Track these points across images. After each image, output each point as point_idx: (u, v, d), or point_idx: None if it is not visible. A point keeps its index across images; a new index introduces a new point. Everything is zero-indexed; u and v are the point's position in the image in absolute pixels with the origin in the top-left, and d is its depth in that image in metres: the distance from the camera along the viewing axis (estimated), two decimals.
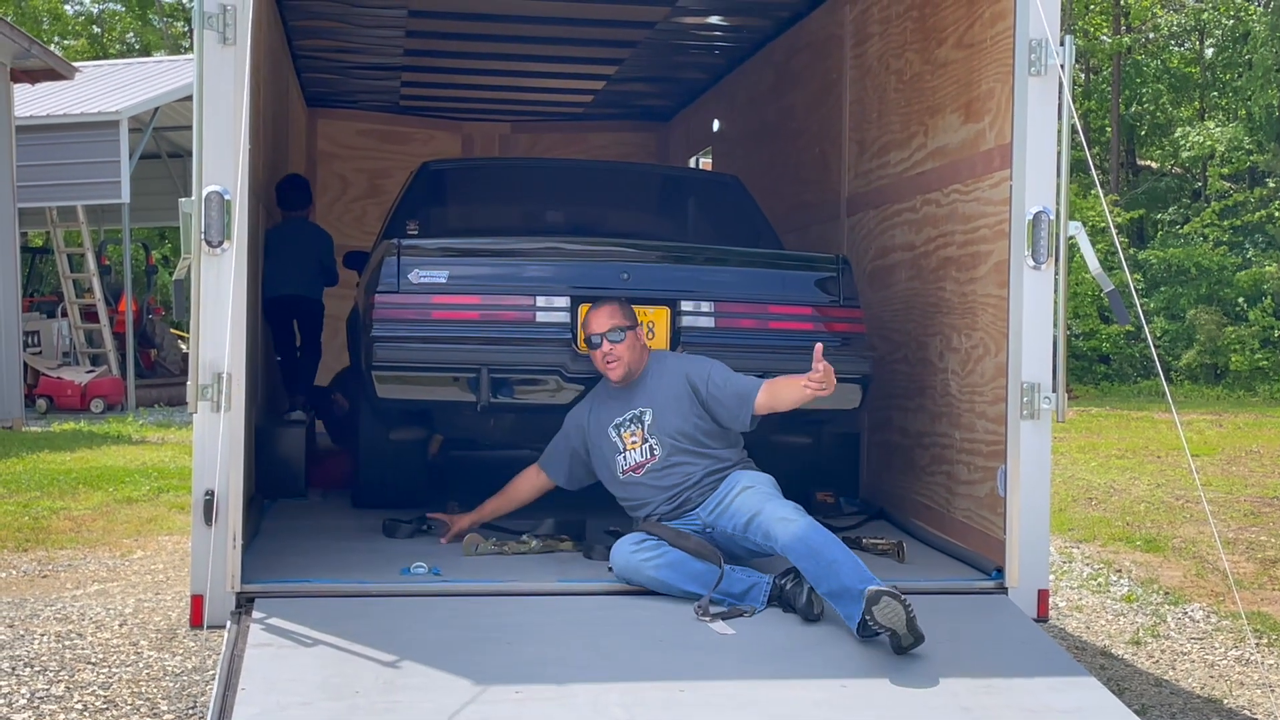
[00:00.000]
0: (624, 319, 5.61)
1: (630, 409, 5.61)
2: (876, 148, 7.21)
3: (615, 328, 5.57)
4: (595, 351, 5.62)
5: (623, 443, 5.60)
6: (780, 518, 5.09)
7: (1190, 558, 9.21)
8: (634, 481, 5.59)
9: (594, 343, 5.60)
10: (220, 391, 4.85)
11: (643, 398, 5.61)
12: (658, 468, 5.53)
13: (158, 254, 31.38)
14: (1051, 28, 5.17)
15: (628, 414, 5.61)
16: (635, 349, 5.62)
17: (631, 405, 5.62)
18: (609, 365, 5.60)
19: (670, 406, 5.55)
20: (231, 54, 4.88)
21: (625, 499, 5.67)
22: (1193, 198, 30.51)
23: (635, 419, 5.59)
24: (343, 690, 4.25)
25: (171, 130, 23.96)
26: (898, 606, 4.55)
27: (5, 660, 6.45)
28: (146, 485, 11.69)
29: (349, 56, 10.28)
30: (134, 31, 44.51)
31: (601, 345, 5.58)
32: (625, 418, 5.61)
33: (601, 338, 5.57)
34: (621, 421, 5.61)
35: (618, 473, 5.62)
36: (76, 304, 21.53)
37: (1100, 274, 5.14)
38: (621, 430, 5.61)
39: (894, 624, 4.57)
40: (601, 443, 5.65)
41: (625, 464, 5.59)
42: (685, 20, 9.05)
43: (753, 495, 5.31)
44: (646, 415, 5.57)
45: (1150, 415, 19.12)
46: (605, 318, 5.59)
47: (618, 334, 5.57)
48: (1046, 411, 5.25)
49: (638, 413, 5.59)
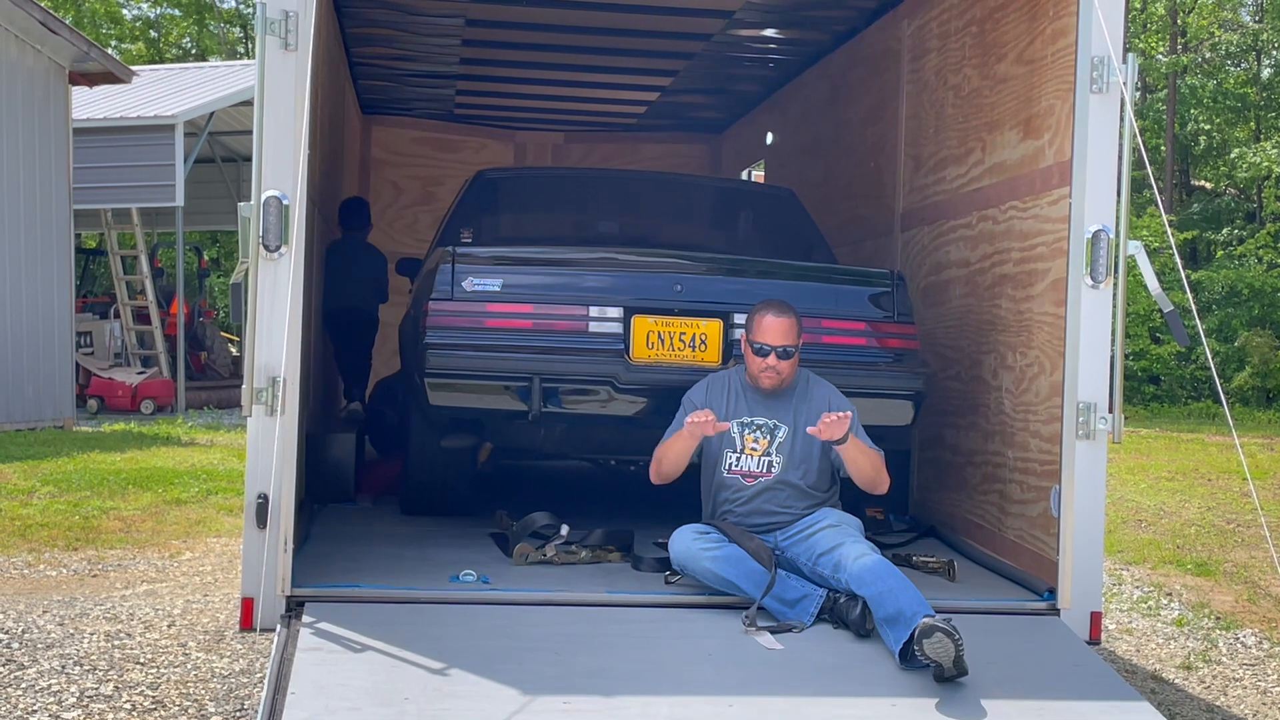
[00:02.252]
0: (797, 338, 5.49)
1: (768, 417, 5.52)
2: (933, 163, 7.17)
3: (789, 346, 5.47)
4: (758, 359, 5.50)
5: (742, 443, 5.51)
6: (857, 555, 5.06)
7: (1242, 582, 9.10)
8: (738, 487, 5.50)
9: (762, 351, 5.47)
10: (275, 396, 4.86)
11: (785, 413, 5.52)
12: (768, 485, 5.46)
13: (209, 255, 31.65)
14: (1114, 45, 5.13)
15: (762, 420, 5.52)
16: (795, 366, 5.53)
17: (770, 414, 5.52)
18: (765, 374, 5.50)
19: (804, 434, 5.45)
20: (293, 60, 4.90)
21: (719, 495, 5.57)
22: (1247, 219, 30.23)
23: (768, 429, 5.50)
24: (391, 696, 4.25)
25: (226, 135, 24.17)
26: (949, 644, 4.51)
27: (55, 658, 6.50)
28: (195, 487, 11.76)
29: (405, 64, 10.33)
30: (191, 36, 44.89)
31: (769, 357, 5.47)
32: (758, 422, 5.52)
33: (772, 349, 5.47)
34: (749, 423, 5.52)
35: (723, 468, 5.54)
36: (129, 306, 21.72)
37: (1160, 294, 5.09)
38: (745, 432, 5.51)
39: (941, 658, 4.53)
40: (721, 433, 5.52)
41: (736, 465, 5.51)
42: (741, 33, 9.04)
43: (836, 533, 5.26)
44: (780, 431, 5.49)
45: (1201, 438, 18.93)
46: (782, 332, 5.46)
47: (788, 351, 5.47)
48: (1102, 432, 5.20)
49: (773, 425, 5.51)
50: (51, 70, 17.05)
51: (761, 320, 5.50)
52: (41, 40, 16.55)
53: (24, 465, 12.78)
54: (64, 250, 17.40)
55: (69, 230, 17.57)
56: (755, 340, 5.50)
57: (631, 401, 5.92)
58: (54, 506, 10.68)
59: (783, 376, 5.50)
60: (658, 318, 5.99)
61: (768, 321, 5.49)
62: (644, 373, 5.92)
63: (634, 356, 5.93)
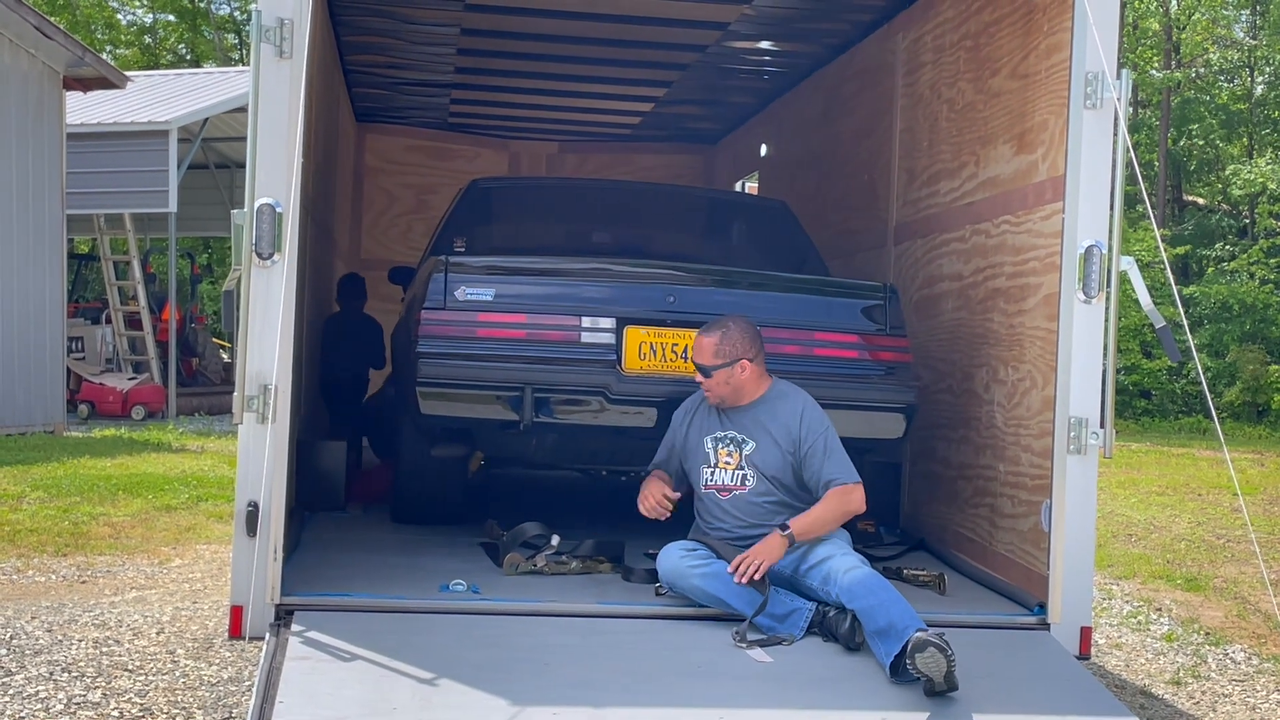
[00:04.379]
0: (718, 356, 5.41)
1: (732, 429, 5.50)
2: (926, 176, 7.18)
3: (707, 365, 5.43)
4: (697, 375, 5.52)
5: (715, 458, 5.49)
6: (847, 568, 5.05)
7: (1232, 598, 9.11)
8: (715, 502, 5.50)
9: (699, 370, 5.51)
10: (266, 403, 4.86)
11: (750, 426, 5.47)
12: (746, 499, 5.44)
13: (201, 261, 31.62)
14: (1109, 61, 5.15)
15: (729, 433, 5.49)
16: (731, 384, 5.45)
17: (735, 427, 5.50)
18: (706, 392, 5.52)
19: (774, 446, 5.43)
20: (288, 68, 4.90)
21: (702, 511, 5.58)
22: (1239, 235, 30.27)
23: (735, 442, 5.47)
24: (379, 706, 4.24)
25: (220, 141, 24.16)
26: (941, 659, 4.50)
27: (43, 665, 6.48)
28: (186, 493, 11.74)
29: (400, 73, 10.33)
30: (185, 43, 44.89)
31: (699, 375, 5.49)
32: (725, 436, 5.49)
33: (699, 369, 5.48)
34: (721, 438, 5.50)
35: (701, 485, 5.54)
36: (121, 311, 21.70)
37: (1152, 310, 5.10)
38: (719, 446, 5.49)
39: (933, 673, 4.52)
40: (695, 448, 5.53)
41: (711, 480, 5.49)
42: (736, 45, 9.05)
43: (824, 546, 5.24)
44: (747, 446, 5.46)
45: (1192, 453, 18.94)
46: (702, 351, 5.46)
47: (706, 370, 5.44)
48: (1094, 447, 5.21)
49: (739, 438, 5.47)
50: (46, 75, 17.04)
51: (694, 342, 5.54)
52: (36, 45, 16.54)
53: (14, 470, 12.75)
54: (56, 255, 17.38)
55: (61, 235, 17.56)
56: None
57: (623, 412, 5.92)
58: (43, 512, 10.65)
59: (720, 394, 5.47)
60: (650, 328, 5.98)
61: (696, 342, 5.51)
62: (636, 384, 5.92)
63: (626, 367, 5.93)
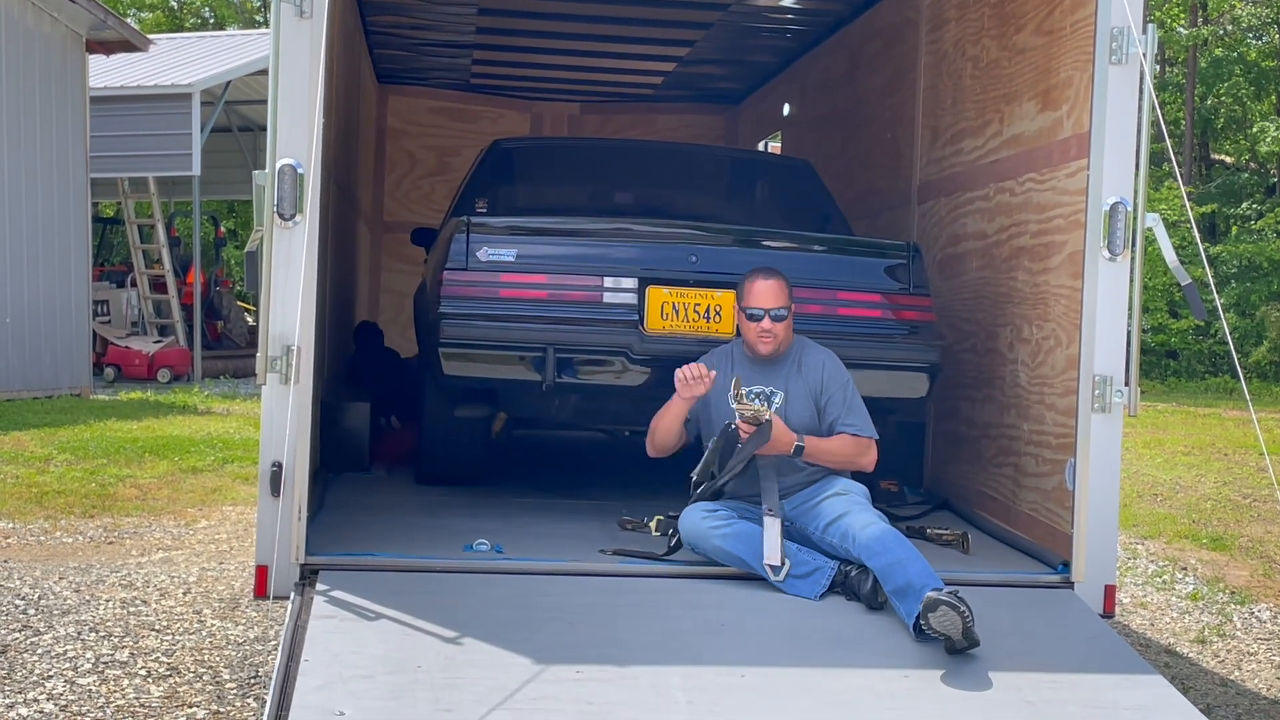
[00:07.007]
0: (789, 300, 5.47)
1: (764, 384, 5.50)
2: (950, 135, 7.13)
3: (782, 307, 5.44)
4: (751, 324, 5.48)
5: None
6: (864, 523, 5.05)
7: (1258, 557, 9.08)
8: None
9: (754, 315, 5.45)
10: (289, 364, 4.86)
11: (779, 379, 5.50)
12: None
13: (226, 225, 31.68)
14: (1134, 16, 5.09)
15: (760, 387, 5.48)
16: (789, 330, 5.52)
17: (767, 381, 5.50)
18: (763, 339, 5.47)
19: (801, 399, 5.46)
20: (308, 28, 4.88)
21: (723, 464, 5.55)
22: (1267, 193, 30.05)
23: (765, 396, 5.47)
24: (404, 664, 4.26)
25: (243, 104, 24.14)
26: (955, 616, 4.49)
27: (71, 625, 6.53)
28: (211, 455, 11.80)
29: (421, 34, 10.30)
30: (208, 5, 44.83)
31: (763, 320, 5.45)
32: (755, 389, 5.47)
33: (765, 313, 5.44)
34: (749, 391, 5.46)
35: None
36: (145, 274, 21.76)
37: (1177, 267, 5.06)
38: (746, 399, 5.45)
39: (949, 631, 4.51)
40: (721, 400, 5.49)
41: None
42: (759, 3, 9.00)
43: (842, 501, 5.25)
44: (776, 397, 5.46)
45: (1218, 412, 18.87)
46: (773, 295, 5.44)
47: (780, 313, 5.44)
48: (1118, 405, 5.18)
49: (768, 391, 5.48)
50: (69, 38, 17.04)
51: (752, 286, 5.49)
52: (59, 8, 16.54)
53: (41, 433, 12.83)
54: (81, 219, 17.43)
55: (86, 199, 17.60)
56: (748, 306, 5.49)
57: (645, 372, 5.91)
58: (70, 474, 10.72)
59: (779, 339, 5.47)
60: (672, 288, 5.97)
61: (758, 286, 5.47)
62: (658, 344, 5.90)
63: (648, 327, 5.92)
